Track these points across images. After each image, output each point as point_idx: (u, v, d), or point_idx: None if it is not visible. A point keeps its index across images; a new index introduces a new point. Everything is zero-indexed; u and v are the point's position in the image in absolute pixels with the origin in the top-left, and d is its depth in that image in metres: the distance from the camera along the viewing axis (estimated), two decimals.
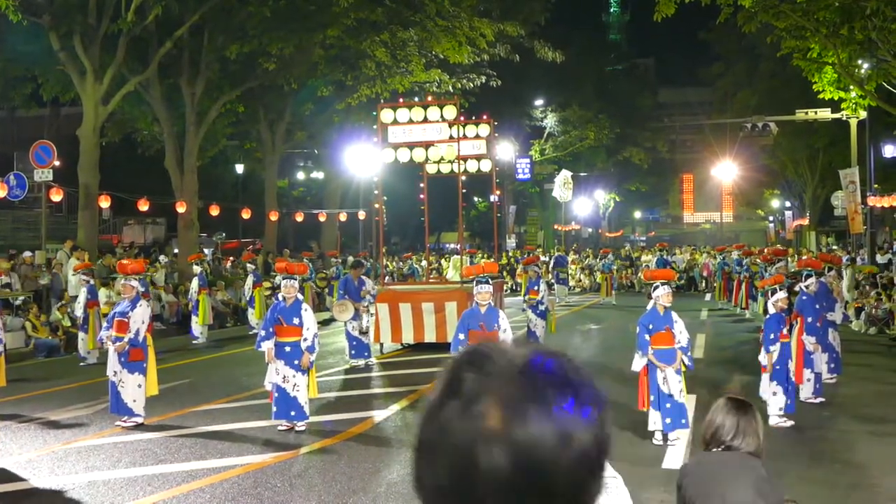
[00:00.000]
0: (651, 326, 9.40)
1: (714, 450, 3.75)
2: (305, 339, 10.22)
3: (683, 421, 9.25)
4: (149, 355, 10.88)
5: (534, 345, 1.07)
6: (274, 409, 10.17)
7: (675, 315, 9.51)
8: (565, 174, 45.35)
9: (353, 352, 15.84)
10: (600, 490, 1.02)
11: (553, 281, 28.09)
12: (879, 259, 26.62)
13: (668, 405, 9.18)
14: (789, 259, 26.37)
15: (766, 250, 26.29)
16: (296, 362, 10.17)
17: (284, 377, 10.13)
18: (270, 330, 10.31)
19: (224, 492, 7.73)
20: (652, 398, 9.32)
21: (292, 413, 10.07)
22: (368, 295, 16.40)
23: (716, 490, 3.58)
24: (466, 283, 16.80)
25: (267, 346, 10.28)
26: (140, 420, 10.50)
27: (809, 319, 12.02)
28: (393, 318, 17.10)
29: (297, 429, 10.09)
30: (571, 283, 36.50)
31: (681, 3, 17.62)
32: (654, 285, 9.78)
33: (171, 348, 18.60)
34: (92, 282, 17.26)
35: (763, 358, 10.47)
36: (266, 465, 8.65)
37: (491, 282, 10.98)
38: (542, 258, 31.69)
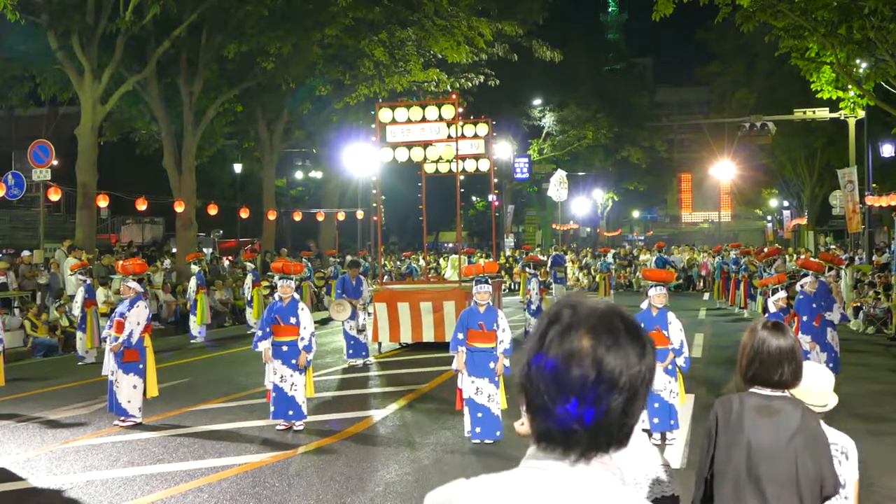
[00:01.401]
0: (642, 325, 9.41)
1: (757, 390, 3.29)
2: (302, 339, 10.20)
3: (672, 422, 9.22)
4: (147, 357, 10.85)
5: (610, 302, 1.60)
6: (272, 408, 10.17)
7: (671, 316, 9.48)
8: (560, 174, 45.41)
9: (350, 351, 15.84)
10: (645, 395, 1.51)
11: (551, 280, 28.10)
12: (878, 259, 26.59)
13: (655, 405, 9.17)
14: (786, 257, 26.34)
15: (764, 249, 26.24)
16: (293, 362, 10.17)
17: (282, 377, 10.13)
18: (267, 330, 10.30)
19: (222, 491, 7.73)
20: None
21: (290, 412, 10.07)
22: (363, 299, 16.40)
23: (761, 461, 3.19)
24: (465, 283, 16.82)
25: (264, 346, 10.27)
26: (137, 420, 10.49)
27: (805, 318, 12.04)
28: (391, 317, 17.09)
29: (295, 428, 10.09)
30: (570, 282, 36.53)
31: (679, 2, 17.60)
32: (650, 285, 9.82)
33: (170, 348, 18.60)
34: (89, 281, 17.28)
35: None
36: (264, 464, 8.65)
37: (490, 281, 10.97)
38: (541, 257, 31.68)
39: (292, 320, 10.24)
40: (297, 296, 10.67)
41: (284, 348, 10.21)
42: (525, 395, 1.52)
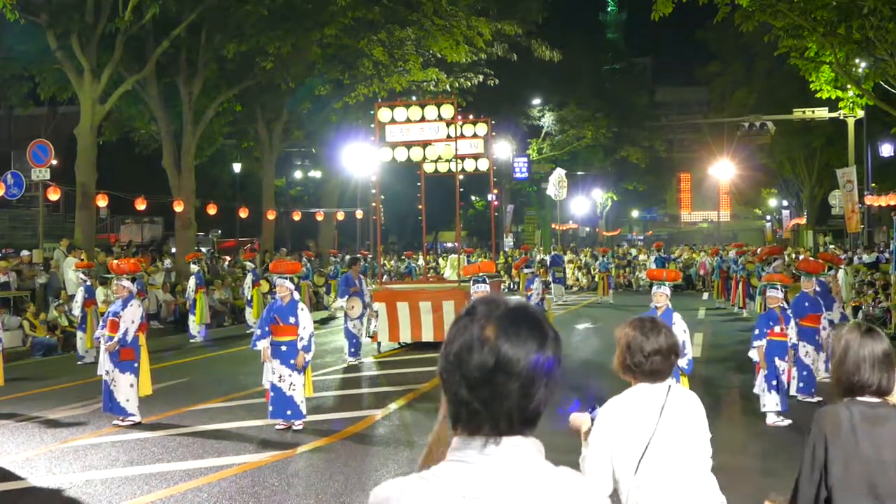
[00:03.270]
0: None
1: (861, 398, 3.16)
2: (301, 339, 10.20)
3: None
4: (141, 355, 10.86)
5: (523, 300, 1.75)
6: (270, 408, 10.16)
7: (676, 317, 9.46)
8: (559, 173, 45.42)
9: (352, 350, 15.87)
10: (545, 388, 1.64)
11: (549, 280, 28.11)
12: (866, 258, 26.42)
13: None
14: (786, 257, 26.29)
15: (759, 250, 26.16)
16: (291, 361, 10.16)
17: (280, 376, 10.12)
18: (266, 329, 10.30)
19: (221, 491, 7.72)
20: None
21: (288, 412, 10.06)
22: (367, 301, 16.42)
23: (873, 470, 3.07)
24: (464, 282, 16.81)
25: (262, 346, 10.27)
26: (135, 419, 10.50)
27: (789, 313, 12.09)
28: (390, 316, 17.09)
29: (294, 428, 10.09)
30: (569, 281, 36.55)
31: (678, 1, 17.61)
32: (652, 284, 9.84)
33: (169, 347, 18.60)
34: (89, 281, 17.29)
35: (752, 354, 10.53)
36: (263, 463, 8.65)
37: (488, 280, 10.97)
38: (543, 256, 31.69)
39: (291, 320, 10.24)
40: (296, 295, 10.67)
41: (283, 348, 10.21)
42: (442, 383, 1.68)
